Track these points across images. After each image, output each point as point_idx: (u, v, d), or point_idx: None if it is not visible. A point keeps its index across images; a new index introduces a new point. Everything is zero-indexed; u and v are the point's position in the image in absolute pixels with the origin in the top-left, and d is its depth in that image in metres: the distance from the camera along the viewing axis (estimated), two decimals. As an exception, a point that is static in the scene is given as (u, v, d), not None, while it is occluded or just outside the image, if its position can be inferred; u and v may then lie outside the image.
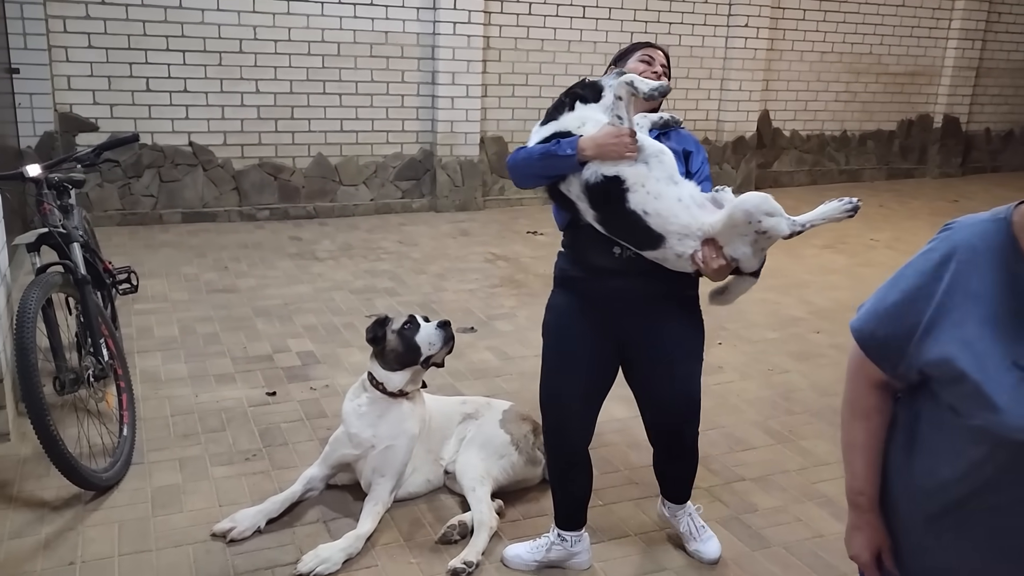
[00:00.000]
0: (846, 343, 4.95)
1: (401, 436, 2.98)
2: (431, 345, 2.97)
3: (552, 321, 2.61)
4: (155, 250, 6.35)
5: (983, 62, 10.84)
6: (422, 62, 7.78)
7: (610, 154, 2.27)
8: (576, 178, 2.31)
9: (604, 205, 2.30)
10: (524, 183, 2.46)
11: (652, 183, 2.27)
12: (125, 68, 6.78)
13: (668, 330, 2.49)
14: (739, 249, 2.26)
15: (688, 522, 2.84)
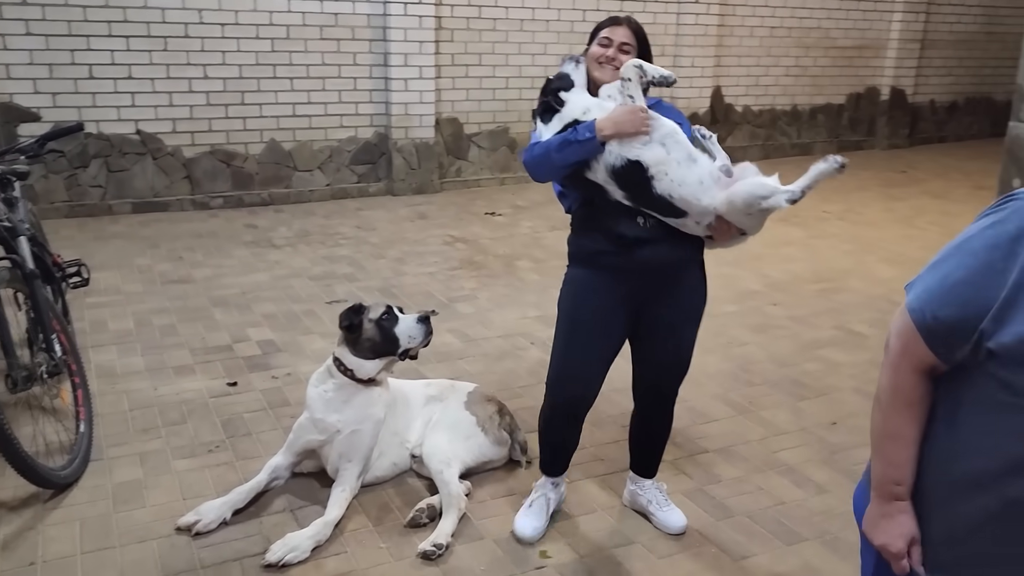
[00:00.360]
0: (802, 314, 5.06)
1: (367, 421, 2.97)
2: (411, 339, 2.95)
3: (571, 297, 2.66)
4: (105, 242, 6.21)
5: (927, 35, 11.05)
6: (374, 44, 7.68)
7: (627, 129, 2.37)
8: (600, 164, 2.40)
9: (632, 186, 2.42)
10: (547, 176, 2.51)
11: (674, 168, 2.38)
12: (67, 55, 6.58)
13: (681, 296, 2.63)
14: (745, 223, 2.43)
15: (654, 494, 2.90)
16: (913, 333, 1.40)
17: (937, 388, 1.45)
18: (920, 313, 1.39)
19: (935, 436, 1.46)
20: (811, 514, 2.98)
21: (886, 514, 1.51)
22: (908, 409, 1.45)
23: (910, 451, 1.46)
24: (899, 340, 1.44)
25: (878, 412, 1.50)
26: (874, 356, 4.41)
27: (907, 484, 1.48)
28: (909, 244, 6.60)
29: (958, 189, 8.63)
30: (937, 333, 1.37)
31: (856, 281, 5.65)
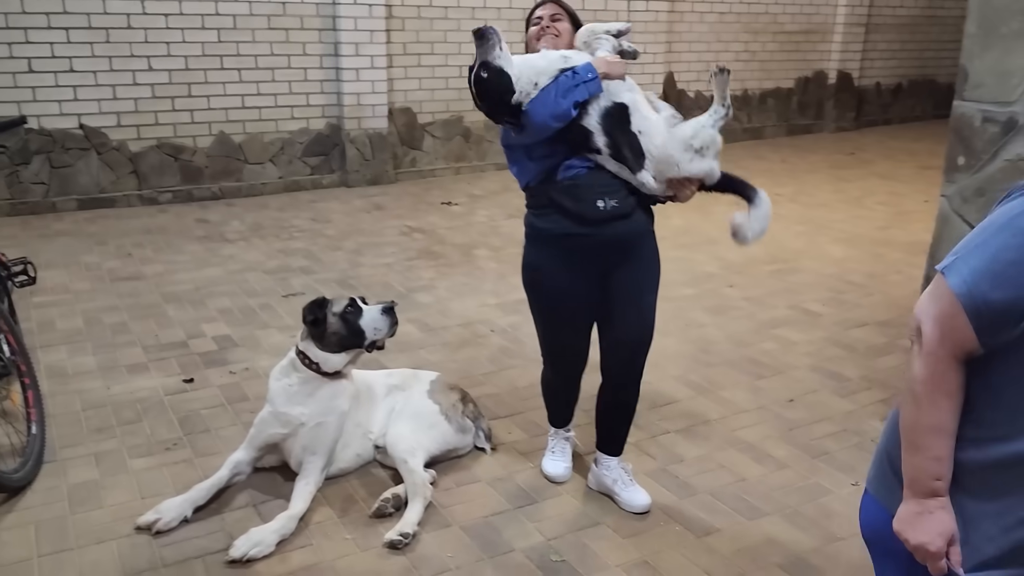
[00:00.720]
0: (758, 295, 5.13)
1: (332, 413, 2.94)
2: (376, 330, 2.93)
3: (536, 279, 2.79)
4: (50, 240, 6.04)
5: (871, 19, 11.26)
6: (323, 33, 7.57)
7: (617, 71, 2.58)
8: (594, 108, 2.55)
9: (613, 128, 2.57)
10: (556, 124, 2.53)
11: (643, 107, 2.60)
12: (4, 49, 6.37)
13: (639, 266, 2.73)
14: (695, 166, 2.56)
15: (619, 473, 2.95)
16: (958, 318, 1.32)
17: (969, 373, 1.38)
18: (969, 297, 1.30)
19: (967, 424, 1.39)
20: (771, 489, 3.04)
21: (923, 511, 1.42)
22: (948, 399, 1.37)
23: (950, 443, 1.39)
24: (936, 327, 1.35)
25: (913, 406, 1.41)
26: (828, 334, 4.50)
27: (947, 479, 1.40)
28: (859, 224, 6.74)
29: (904, 169, 8.83)
30: (987, 316, 1.30)
31: (809, 261, 5.75)
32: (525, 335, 4.39)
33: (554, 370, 2.98)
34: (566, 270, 2.69)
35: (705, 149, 2.55)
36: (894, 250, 5.99)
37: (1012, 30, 2.77)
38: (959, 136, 2.99)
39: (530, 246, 2.78)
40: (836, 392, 3.83)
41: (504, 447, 3.30)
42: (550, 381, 3.03)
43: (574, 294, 2.73)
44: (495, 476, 3.09)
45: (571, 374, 2.97)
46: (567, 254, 2.67)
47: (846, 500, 2.98)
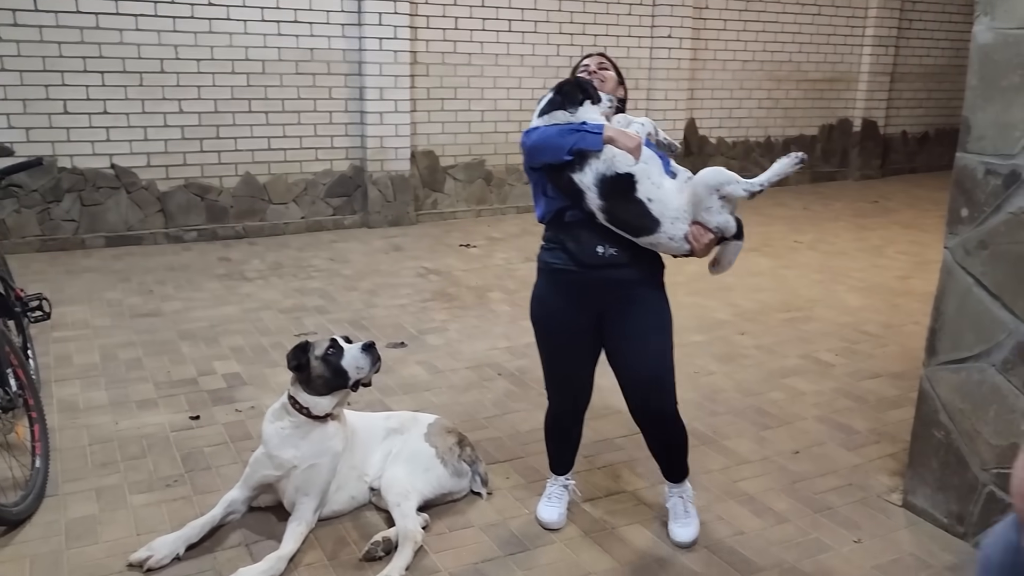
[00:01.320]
0: (769, 343, 5.10)
1: (325, 455, 2.96)
2: (359, 369, 2.94)
3: (543, 310, 2.88)
4: (77, 276, 6.19)
5: (897, 67, 11.27)
6: (349, 78, 7.75)
7: (625, 143, 2.60)
8: (591, 169, 2.58)
9: (612, 196, 2.59)
10: (545, 157, 2.63)
11: (655, 175, 2.62)
12: (41, 91, 6.60)
13: (641, 308, 2.77)
14: (715, 216, 2.58)
15: (677, 501, 3.03)
16: None
17: None
18: None
19: None
20: (769, 544, 2.98)
21: None
22: None
23: None
24: None
25: None
26: (838, 385, 4.44)
27: None
28: (878, 273, 6.67)
29: (927, 218, 8.74)
30: None
31: (824, 310, 5.70)
32: (532, 379, 4.39)
33: (555, 403, 3.02)
34: (565, 303, 2.79)
35: (728, 202, 2.58)
36: (912, 300, 5.91)
37: (1012, 84, 2.76)
38: (961, 188, 2.96)
39: (538, 278, 2.89)
40: (843, 445, 3.77)
41: (500, 492, 3.28)
42: (552, 418, 3.07)
43: (573, 325, 2.81)
44: (489, 522, 3.08)
45: (571, 408, 3.00)
46: (567, 288, 2.78)
47: (846, 558, 2.91)
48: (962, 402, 3.00)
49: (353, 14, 7.60)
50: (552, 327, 2.86)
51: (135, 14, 6.77)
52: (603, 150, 2.58)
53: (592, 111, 2.72)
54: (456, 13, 8.12)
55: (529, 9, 8.50)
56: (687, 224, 2.60)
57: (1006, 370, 2.83)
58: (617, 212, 2.62)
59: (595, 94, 2.75)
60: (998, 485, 2.90)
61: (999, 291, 2.84)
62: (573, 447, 3.12)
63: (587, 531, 3.03)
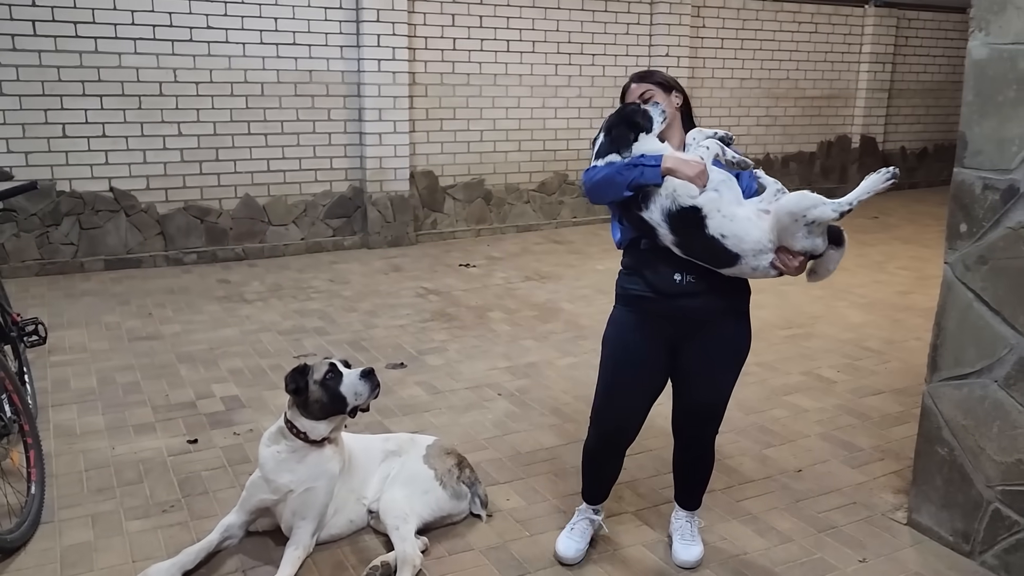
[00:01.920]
0: (771, 360, 5.07)
1: (321, 478, 2.93)
2: (357, 395, 2.90)
3: (615, 334, 2.79)
4: (76, 299, 6.17)
5: (894, 84, 11.31)
6: (348, 99, 7.78)
7: (686, 172, 2.48)
8: (655, 205, 2.50)
9: (683, 231, 2.50)
10: (606, 196, 2.58)
11: (726, 206, 2.48)
12: (40, 115, 6.63)
13: (718, 342, 2.71)
14: (800, 242, 2.44)
15: (683, 525, 3.01)
16: None
17: None
18: None
19: None
20: (773, 564, 2.94)
21: None
22: None
23: None
24: None
25: None
26: (841, 402, 4.41)
27: None
28: (879, 289, 6.65)
29: (928, 233, 8.73)
30: None
31: (826, 327, 5.67)
32: (532, 399, 4.36)
33: (598, 433, 2.88)
34: (637, 331, 2.72)
35: (815, 226, 2.43)
36: (914, 316, 5.88)
37: (1008, 98, 2.76)
38: (960, 203, 2.95)
39: (616, 304, 2.81)
40: (847, 463, 3.73)
41: (501, 514, 3.25)
42: (592, 449, 2.92)
43: (644, 355, 2.73)
44: (489, 544, 3.04)
45: (614, 441, 2.88)
46: (642, 315, 2.71)
47: (851, 577, 2.87)
48: (965, 418, 2.97)
49: (352, 36, 7.64)
50: (621, 354, 2.76)
51: (134, 38, 6.81)
52: (664, 182, 2.48)
53: (649, 140, 2.61)
54: (454, 34, 8.17)
55: (527, 29, 8.55)
56: (771, 253, 2.47)
57: (1008, 386, 2.81)
58: (692, 247, 2.52)
59: (646, 123, 2.63)
60: (1003, 502, 2.87)
61: (999, 306, 2.82)
62: (611, 478, 3.00)
63: (589, 552, 2.99)
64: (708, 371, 2.74)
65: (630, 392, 2.78)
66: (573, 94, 8.96)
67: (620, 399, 2.80)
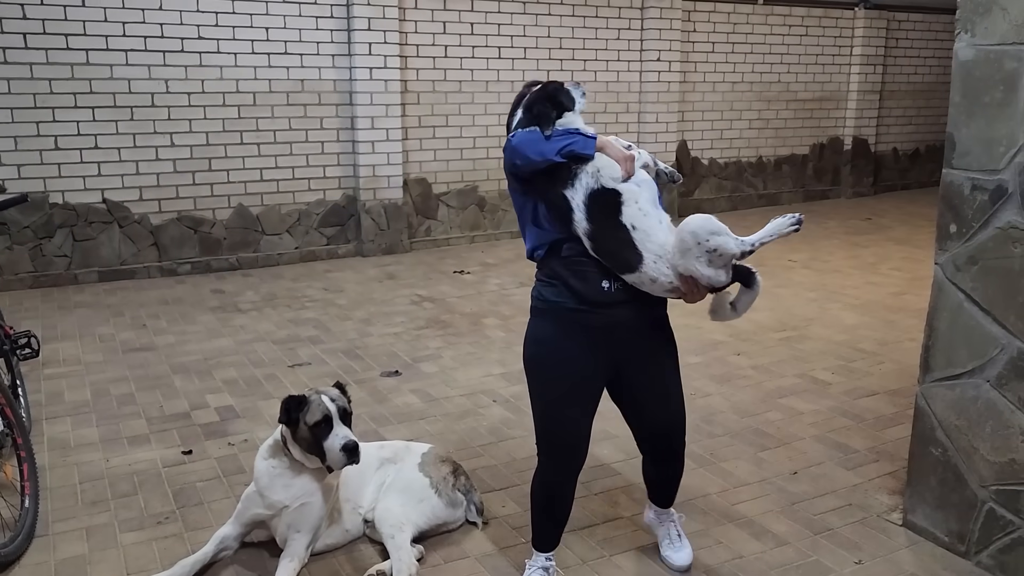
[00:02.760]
0: (765, 363, 5.08)
1: (317, 492, 2.92)
2: (332, 461, 2.81)
3: (543, 353, 2.62)
4: (69, 311, 6.16)
5: (885, 86, 11.34)
6: (340, 108, 7.79)
7: (616, 154, 2.46)
8: (581, 185, 2.44)
9: (599, 216, 2.44)
10: (533, 158, 2.46)
11: (643, 201, 2.45)
12: (31, 128, 6.62)
13: (659, 351, 2.68)
14: (701, 269, 2.37)
15: (669, 528, 2.98)
16: None
17: None
18: None
19: None
20: (769, 567, 2.94)
21: None
22: None
23: None
24: None
25: None
26: (836, 404, 4.41)
27: None
28: (873, 290, 6.67)
29: (921, 234, 8.75)
30: None
31: (820, 329, 5.68)
32: (527, 405, 4.33)
33: (548, 466, 2.68)
34: (574, 345, 2.55)
35: (717, 256, 2.35)
36: (908, 317, 5.90)
37: (995, 99, 2.77)
38: (949, 204, 2.96)
39: (537, 319, 2.63)
40: (842, 464, 3.73)
41: (496, 521, 3.24)
42: (547, 481, 2.71)
43: (581, 370, 2.57)
44: (485, 552, 3.04)
45: (566, 469, 2.68)
46: (575, 329, 2.54)
47: (847, 579, 2.87)
48: (958, 419, 2.98)
49: (343, 44, 7.65)
50: (555, 373, 2.58)
51: (125, 49, 6.81)
52: (594, 159, 2.44)
53: (574, 119, 2.57)
54: (446, 41, 8.18)
55: (518, 36, 8.56)
56: (669, 268, 2.40)
57: (1000, 385, 2.82)
58: (602, 239, 2.44)
59: (568, 102, 2.57)
60: (997, 502, 2.87)
61: (990, 306, 2.83)
62: (565, 516, 2.79)
63: (584, 559, 2.99)
64: (660, 386, 2.69)
65: (574, 414, 2.62)
66: (565, 100, 8.96)
67: (565, 424, 2.62)
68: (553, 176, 2.47)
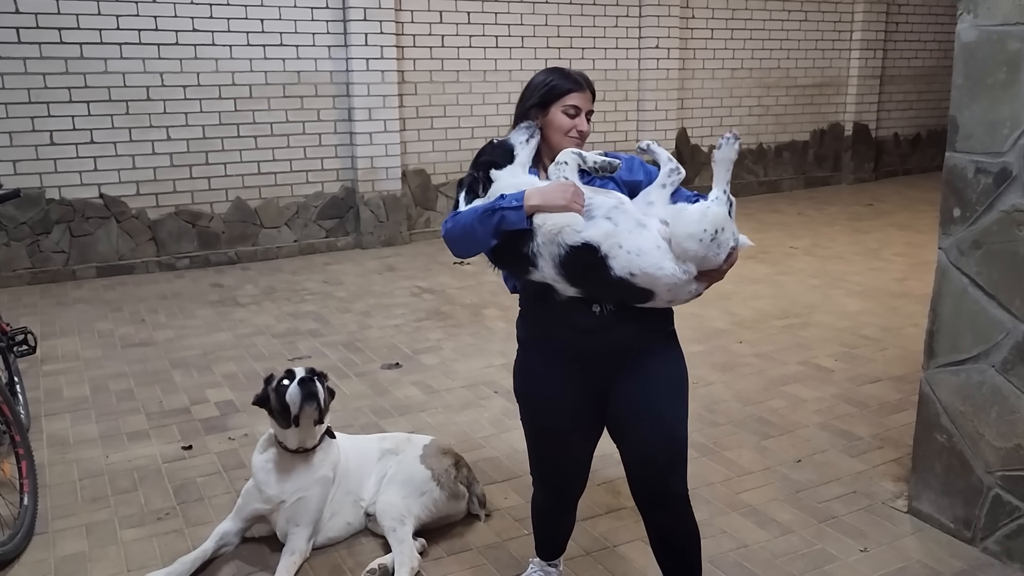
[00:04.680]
0: (768, 351, 5.06)
1: (314, 485, 2.90)
2: (294, 404, 2.79)
3: (531, 389, 2.40)
4: (68, 307, 6.13)
5: (886, 70, 11.27)
6: (337, 100, 7.74)
7: (556, 201, 2.06)
8: (542, 257, 2.09)
9: (584, 277, 2.11)
10: (470, 250, 2.18)
11: (627, 238, 2.07)
12: (27, 123, 6.58)
13: (654, 372, 2.29)
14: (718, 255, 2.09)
15: None
16: None
17: None
18: None
19: None
20: (774, 556, 2.92)
21: None
22: None
23: None
24: None
25: None
26: (839, 391, 4.39)
27: None
28: (876, 276, 6.63)
29: (923, 219, 8.70)
30: None
31: (823, 315, 5.65)
32: (528, 396, 4.33)
33: (544, 491, 2.54)
34: (559, 377, 2.31)
35: (721, 231, 2.07)
36: (911, 302, 5.86)
37: (998, 80, 2.73)
38: (952, 188, 2.93)
39: (521, 350, 2.43)
40: (846, 452, 3.71)
41: (499, 513, 3.22)
42: (540, 506, 2.59)
43: (567, 403, 2.34)
44: (487, 543, 3.02)
45: (564, 499, 2.54)
46: (559, 359, 2.30)
47: (853, 568, 2.86)
48: (963, 404, 2.95)
49: (339, 35, 7.59)
50: (541, 405, 2.37)
51: (120, 43, 6.76)
52: (539, 224, 2.07)
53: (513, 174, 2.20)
54: (442, 31, 8.12)
55: (516, 24, 8.50)
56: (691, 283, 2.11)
57: (1006, 370, 2.79)
58: (603, 295, 2.16)
59: (499, 157, 2.24)
60: (1004, 488, 2.85)
61: (994, 290, 2.80)
62: (564, 533, 2.65)
63: (588, 550, 2.97)
64: (650, 407, 2.27)
65: (565, 447, 2.42)
66: (564, 88, 8.91)
67: (556, 457, 2.45)
68: (508, 258, 2.17)
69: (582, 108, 2.30)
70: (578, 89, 2.31)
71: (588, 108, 2.33)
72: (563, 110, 2.29)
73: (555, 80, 2.31)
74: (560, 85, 2.30)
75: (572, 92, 2.30)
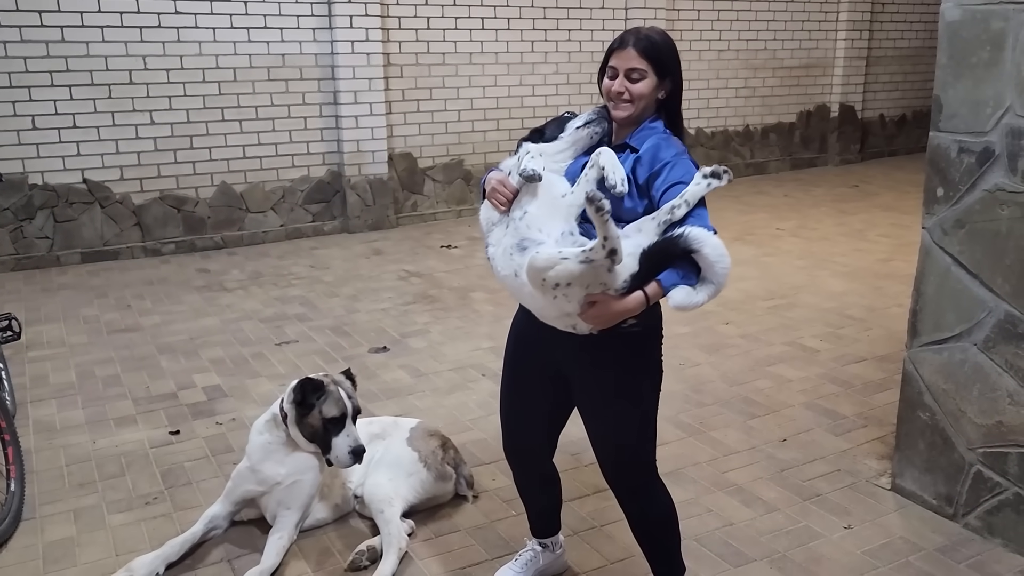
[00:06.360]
0: (754, 332, 5.09)
1: (309, 471, 2.91)
2: (336, 459, 2.80)
3: (511, 336, 2.44)
4: (52, 293, 6.09)
5: (872, 51, 11.28)
6: (322, 83, 7.68)
7: (490, 195, 2.18)
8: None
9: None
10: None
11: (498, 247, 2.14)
12: (8, 107, 6.50)
13: (600, 370, 2.21)
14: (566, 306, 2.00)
15: None
16: None
17: None
18: None
19: None
20: (759, 534, 2.95)
21: None
22: None
23: None
24: None
25: None
26: (824, 370, 4.42)
27: None
28: (861, 257, 6.67)
29: (908, 200, 8.75)
30: None
31: (808, 296, 5.68)
32: (516, 378, 4.34)
33: (509, 454, 2.56)
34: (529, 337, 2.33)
35: (566, 286, 1.94)
36: (895, 283, 5.90)
37: (982, 60, 2.74)
38: (936, 168, 2.95)
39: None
40: (831, 431, 3.75)
41: (487, 494, 3.24)
42: (514, 478, 2.63)
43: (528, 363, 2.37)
44: (475, 524, 3.04)
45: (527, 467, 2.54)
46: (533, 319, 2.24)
47: (837, 544, 2.89)
48: (945, 383, 2.98)
49: (324, 18, 7.53)
50: (515, 354, 2.42)
51: (101, 25, 6.68)
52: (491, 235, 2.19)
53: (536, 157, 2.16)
54: (428, 13, 8.06)
55: (501, 6, 8.45)
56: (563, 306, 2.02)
57: (987, 348, 2.82)
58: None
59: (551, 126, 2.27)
60: (985, 464, 2.88)
61: (977, 269, 2.82)
62: (543, 512, 2.64)
63: (575, 529, 3.00)
64: (594, 406, 2.27)
65: (521, 404, 2.44)
66: (550, 71, 8.88)
67: (514, 410, 2.46)
68: None
69: (619, 69, 2.16)
70: (618, 47, 2.18)
71: (628, 66, 2.15)
72: (608, 75, 2.21)
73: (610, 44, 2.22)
74: (609, 49, 2.21)
75: (613, 52, 2.19)
